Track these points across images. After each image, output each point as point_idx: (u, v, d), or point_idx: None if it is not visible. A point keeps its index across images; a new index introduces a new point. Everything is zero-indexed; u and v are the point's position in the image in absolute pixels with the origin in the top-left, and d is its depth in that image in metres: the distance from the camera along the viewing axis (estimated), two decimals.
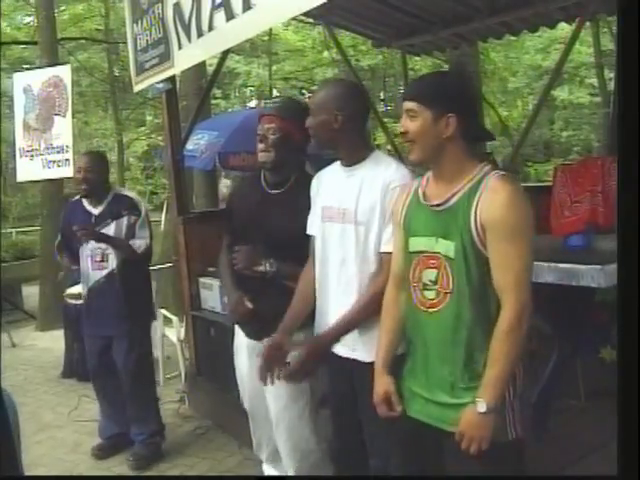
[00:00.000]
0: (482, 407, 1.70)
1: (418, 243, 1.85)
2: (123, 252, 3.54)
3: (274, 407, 2.59)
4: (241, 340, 2.73)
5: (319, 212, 2.35)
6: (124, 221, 3.56)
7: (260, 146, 2.47)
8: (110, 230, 3.54)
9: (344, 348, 2.25)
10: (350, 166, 2.24)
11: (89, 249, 3.58)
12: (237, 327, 2.76)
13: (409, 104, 1.82)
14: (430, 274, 1.82)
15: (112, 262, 3.56)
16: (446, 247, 1.76)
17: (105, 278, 3.57)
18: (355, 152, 2.23)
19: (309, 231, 2.39)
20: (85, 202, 3.67)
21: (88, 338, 3.80)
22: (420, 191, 1.89)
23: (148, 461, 3.67)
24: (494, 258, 1.71)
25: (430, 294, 1.82)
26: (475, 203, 1.73)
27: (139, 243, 3.57)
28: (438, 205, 1.81)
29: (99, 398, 3.91)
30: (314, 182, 2.43)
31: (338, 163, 2.34)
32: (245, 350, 2.69)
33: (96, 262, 3.58)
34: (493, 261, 1.71)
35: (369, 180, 2.17)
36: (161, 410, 4.29)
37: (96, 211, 3.61)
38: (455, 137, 1.79)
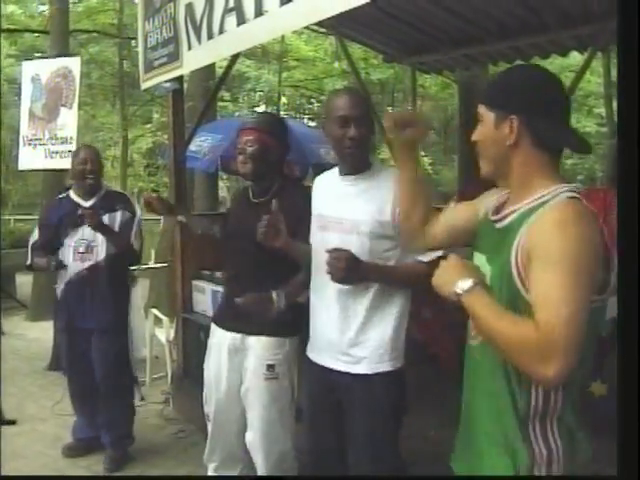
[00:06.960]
0: None
1: (477, 259, 1.59)
2: (121, 247, 3.50)
3: (254, 406, 2.58)
4: (220, 339, 2.70)
5: (314, 220, 2.33)
6: (117, 216, 3.54)
7: (240, 158, 2.59)
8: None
9: (339, 362, 2.20)
10: (351, 176, 2.22)
11: (73, 240, 3.50)
12: (214, 325, 2.76)
13: (479, 108, 1.53)
14: None
15: (97, 255, 3.49)
16: (486, 270, 1.50)
17: (87, 270, 3.49)
18: (361, 163, 2.22)
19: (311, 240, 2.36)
20: (74, 196, 3.61)
21: (64, 332, 3.67)
22: (494, 204, 1.61)
23: (118, 463, 3.59)
24: (532, 288, 1.35)
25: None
26: (528, 224, 1.40)
27: (138, 242, 3.59)
28: (496, 221, 1.54)
29: (73, 397, 3.78)
30: (313, 189, 2.42)
31: (336, 172, 2.31)
32: (226, 348, 2.65)
33: (79, 254, 3.49)
34: (531, 293, 1.35)
35: (373, 190, 2.16)
36: (145, 410, 4.26)
37: (87, 204, 3.53)
38: (521, 145, 1.46)
